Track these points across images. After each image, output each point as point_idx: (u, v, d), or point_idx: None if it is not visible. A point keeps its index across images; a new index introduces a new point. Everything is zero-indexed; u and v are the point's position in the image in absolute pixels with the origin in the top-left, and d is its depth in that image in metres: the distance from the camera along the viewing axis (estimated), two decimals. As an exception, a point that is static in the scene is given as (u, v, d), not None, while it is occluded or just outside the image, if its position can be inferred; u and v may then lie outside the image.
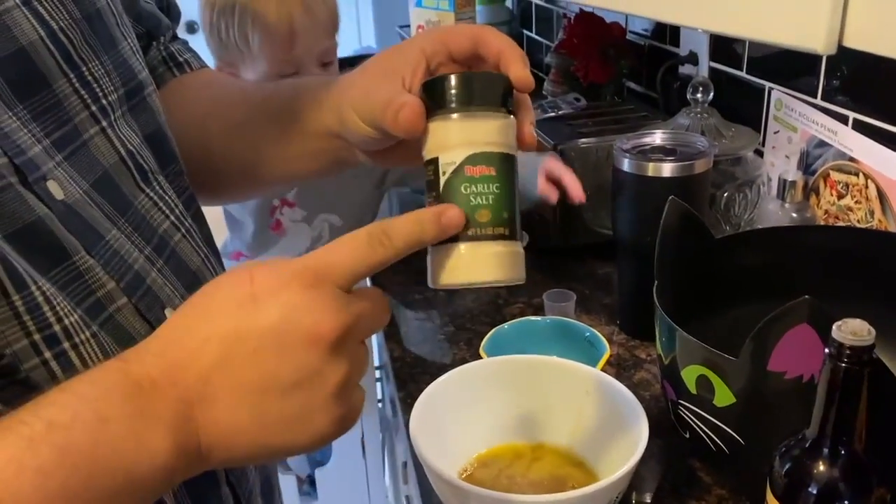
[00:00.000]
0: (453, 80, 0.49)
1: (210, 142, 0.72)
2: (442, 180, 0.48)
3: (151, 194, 0.60)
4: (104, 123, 0.56)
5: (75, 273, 0.49)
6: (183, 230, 0.62)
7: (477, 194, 0.46)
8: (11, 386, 0.44)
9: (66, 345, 0.47)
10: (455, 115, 0.48)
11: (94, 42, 0.57)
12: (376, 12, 3.47)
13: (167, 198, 0.61)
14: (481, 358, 0.91)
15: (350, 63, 1.61)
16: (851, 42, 0.42)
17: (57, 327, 0.46)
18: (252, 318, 0.42)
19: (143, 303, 0.54)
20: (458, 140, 0.48)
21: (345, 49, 2.66)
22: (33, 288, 0.45)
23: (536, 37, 2.11)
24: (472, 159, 0.46)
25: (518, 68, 0.53)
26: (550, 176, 1.12)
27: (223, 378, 0.42)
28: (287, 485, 1.64)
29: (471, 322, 1.13)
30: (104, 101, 0.57)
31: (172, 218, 0.61)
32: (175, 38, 0.79)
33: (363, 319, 0.45)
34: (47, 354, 0.46)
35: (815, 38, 0.43)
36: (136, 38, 0.66)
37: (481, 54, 0.56)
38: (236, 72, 1.30)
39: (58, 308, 0.46)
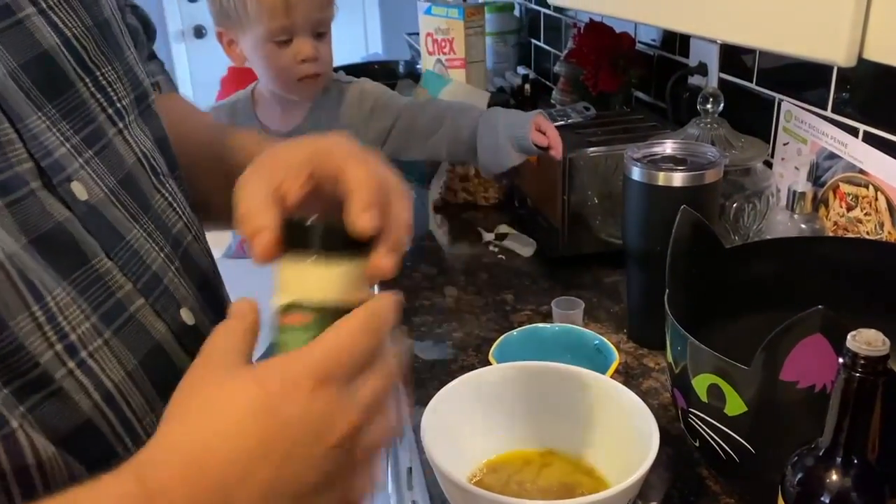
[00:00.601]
0: (292, 225, 0.48)
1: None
2: (271, 319, 0.48)
3: (166, 195, 0.61)
4: (120, 125, 0.57)
5: (94, 276, 0.50)
6: (193, 232, 0.63)
7: (293, 340, 0.45)
8: (49, 401, 0.44)
9: (84, 354, 0.47)
10: (284, 261, 0.47)
11: (106, 49, 0.58)
12: (383, 19, 3.49)
13: (179, 199, 0.62)
14: (490, 364, 0.91)
15: (355, 70, 1.62)
16: (871, 54, 0.42)
17: (73, 336, 0.47)
18: (272, 431, 0.41)
19: (159, 304, 0.54)
20: (282, 284, 0.47)
21: (352, 56, 2.68)
22: (48, 298, 0.45)
23: (545, 46, 2.12)
24: (289, 307, 0.46)
25: (355, 215, 0.48)
26: (538, 128, 1.22)
27: (250, 496, 0.41)
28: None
29: (479, 328, 1.13)
30: (119, 105, 0.58)
31: (185, 219, 0.62)
32: (152, 56, 0.79)
33: (376, 401, 0.45)
34: (70, 364, 0.46)
35: (835, 51, 0.43)
36: None
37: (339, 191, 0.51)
38: (235, 39, 1.35)
39: (70, 317, 0.47)
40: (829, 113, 1.07)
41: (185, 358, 0.55)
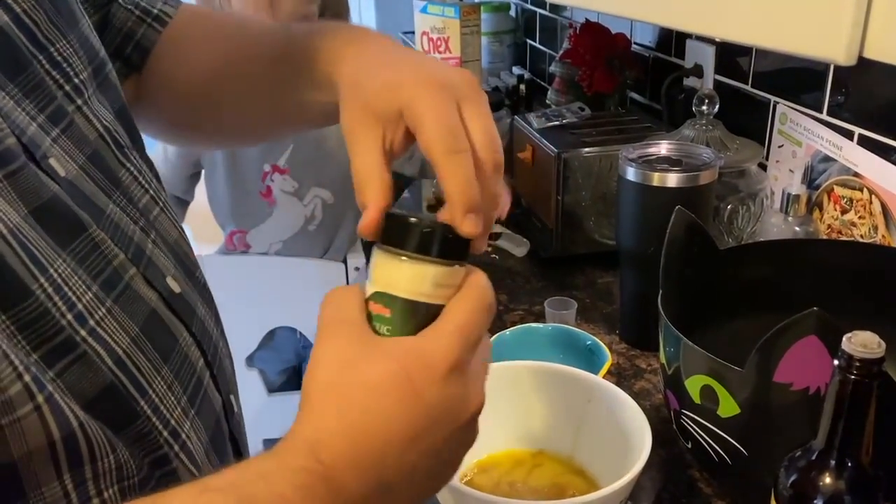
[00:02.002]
0: (393, 219, 0.49)
1: (216, 90, 0.72)
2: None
3: (131, 168, 0.60)
4: (79, 102, 0.56)
5: (92, 245, 0.50)
6: (161, 204, 0.62)
7: (377, 328, 0.48)
8: (75, 365, 0.45)
9: (92, 322, 0.47)
10: (381, 250, 0.49)
11: (59, 21, 0.56)
12: (379, 18, 3.47)
13: (144, 171, 0.61)
14: (482, 364, 0.91)
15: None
16: (872, 53, 0.42)
17: (79, 305, 0.47)
18: (417, 415, 0.44)
19: (148, 272, 0.55)
20: (372, 273, 0.49)
21: (347, 53, 2.67)
22: (51, 270, 0.45)
23: (540, 46, 2.12)
24: (375, 297, 0.48)
25: (459, 221, 0.48)
26: None
27: (400, 470, 0.44)
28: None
29: (471, 328, 1.13)
30: (76, 80, 0.56)
31: (151, 192, 0.61)
32: None
33: (485, 374, 0.48)
34: (83, 333, 0.46)
35: (835, 49, 0.43)
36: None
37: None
38: None
39: (74, 287, 0.47)
40: (824, 116, 1.07)
41: (178, 324, 0.56)
